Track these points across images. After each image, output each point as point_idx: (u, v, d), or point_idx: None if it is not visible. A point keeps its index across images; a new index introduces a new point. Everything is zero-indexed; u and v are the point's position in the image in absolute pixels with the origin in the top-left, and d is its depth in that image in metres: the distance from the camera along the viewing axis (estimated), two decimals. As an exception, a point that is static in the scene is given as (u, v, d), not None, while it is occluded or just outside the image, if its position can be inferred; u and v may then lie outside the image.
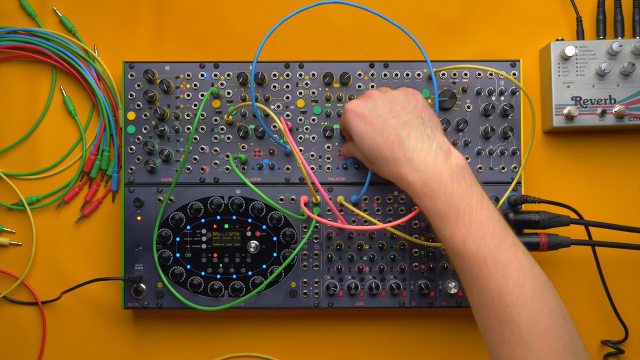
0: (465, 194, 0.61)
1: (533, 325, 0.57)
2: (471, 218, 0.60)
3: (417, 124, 0.66)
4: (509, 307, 0.57)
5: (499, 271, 0.58)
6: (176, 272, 0.78)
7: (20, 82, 0.83)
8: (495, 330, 0.59)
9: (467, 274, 0.60)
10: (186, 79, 0.79)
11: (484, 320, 0.60)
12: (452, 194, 0.61)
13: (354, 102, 0.70)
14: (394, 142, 0.65)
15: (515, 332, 0.57)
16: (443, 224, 0.61)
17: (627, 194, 0.83)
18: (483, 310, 0.60)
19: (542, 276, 0.60)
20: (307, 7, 0.71)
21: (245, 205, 0.78)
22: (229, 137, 0.79)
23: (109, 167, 0.82)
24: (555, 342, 0.56)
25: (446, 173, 0.62)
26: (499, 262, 0.59)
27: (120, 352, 0.83)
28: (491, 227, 0.60)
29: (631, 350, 0.82)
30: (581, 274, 0.83)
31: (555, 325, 0.57)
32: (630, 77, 0.78)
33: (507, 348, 0.57)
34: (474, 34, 0.84)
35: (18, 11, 0.84)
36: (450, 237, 0.61)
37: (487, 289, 0.59)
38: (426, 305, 0.79)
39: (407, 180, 0.63)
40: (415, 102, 0.69)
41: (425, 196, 0.62)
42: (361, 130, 0.68)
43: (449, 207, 0.61)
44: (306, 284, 0.79)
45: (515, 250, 0.60)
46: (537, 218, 0.76)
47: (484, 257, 0.59)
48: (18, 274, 0.83)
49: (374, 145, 0.66)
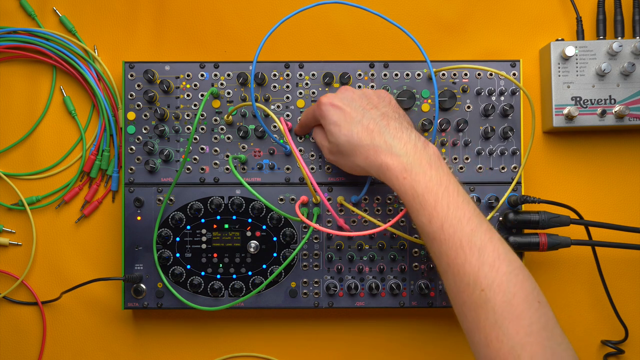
0: (443, 180, 0.63)
1: (508, 308, 0.57)
2: (449, 202, 0.61)
3: (394, 116, 0.69)
4: (485, 290, 0.58)
5: (475, 255, 0.59)
6: (176, 272, 0.78)
7: (20, 82, 0.83)
8: (470, 314, 0.59)
9: (444, 259, 0.61)
10: (186, 79, 0.79)
11: (459, 305, 0.61)
12: (430, 179, 0.62)
13: (329, 95, 0.71)
14: (373, 129, 0.67)
15: (490, 316, 0.57)
16: (421, 208, 0.62)
17: (627, 194, 0.83)
18: (459, 295, 0.60)
19: (517, 261, 0.60)
20: (306, 7, 0.71)
21: (245, 205, 0.78)
22: (229, 137, 0.79)
23: (109, 167, 0.82)
24: (530, 326, 0.57)
25: (425, 159, 0.64)
26: (475, 245, 0.59)
27: (120, 352, 0.83)
28: (467, 212, 0.61)
29: (631, 350, 0.82)
30: (581, 274, 0.83)
31: (531, 308, 0.58)
32: (630, 77, 0.78)
33: (483, 332, 0.58)
34: (474, 34, 0.84)
35: (18, 11, 0.84)
36: (427, 222, 0.62)
37: (463, 273, 0.59)
38: (426, 305, 0.79)
39: (387, 165, 0.64)
40: (389, 99, 0.72)
41: (405, 180, 0.63)
42: (339, 119, 0.69)
43: (428, 191, 0.62)
44: (306, 284, 0.79)
45: (491, 235, 0.61)
46: (537, 218, 0.76)
47: (460, 240, 0.60)
48: (18, 274, 0.83)
49: (352, 134, 0.67)
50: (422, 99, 0.79)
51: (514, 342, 0.56)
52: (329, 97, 0.71)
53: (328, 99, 0.71)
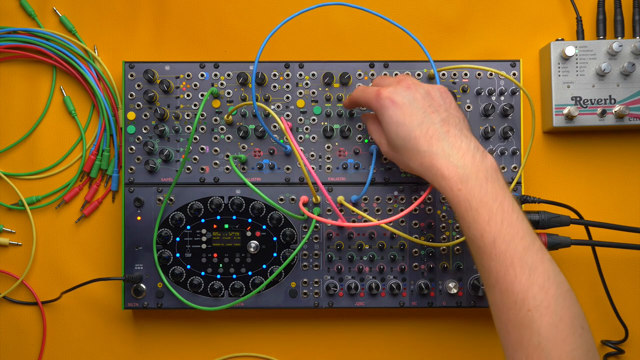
0: (499, 194, 0.61)
1: (553, 331, 0.57)
2: (503, 218, 0.60)
3: (454, 122, 0.66)
4: (531, 310, 0.57)
5: (525, 274, 0.58)
6: (176, 272, 0.78)
7: (20, 82, 0.83)
8: (514, 333, 0.58)
9: (492, 275, 0.60)
10: (186, 79, 0.79)
11: (503, 323, 0.60)
12: (486, 193, 0.61)
13: (391, 89, 0.68)
14: (432, 136, 0.65)
15: (534, 337, 0.57)
16: (474, 222, 0.61)
17: (627, 194, 0.83)
18: (504, 312, 0.59)
19: (566, 284, 0.60)
20: (307, 9, 0.71)
21: (245, 205, 0.78)
22: (229, 137, 0.79)
23: (109, 167, 0.82)
24: (573, 351, 0.56)
25: (482, 172, 0.62)
26: (526, 265, 0.58)
27: (120, 352, 0.83)
28: (521, 229, 0.60)
29: (631, 350, 0.82)
30: (581, 274, 0.83)
31: (575, 334, 0.57)
32: (630, 77, 0.78)
33: (525, 352, 0.57)
34: (474, 34, 0.84)
35: (18, 11, 0.84)
36: (480, 236, 0.61)
37: (511, 290, 0.58)
38: (426, 305, 0.79)
39: (443, 174, 0.63)
40: (450, 101, 0.69)
41: (460, 192, 0.62)
42: (398, 119, 0.67)
43: (483, 206, 0.61)
44: (306, 284, 0.79)
45: (542, 255, 0.60)
46: (537, 218, 0.76)
47: (512, 258, 0.59)
48: (18, 274, 0.83)
49: (410, 136, 0.65)
50: (422, 99, 0.79)
51: None
52: (390, 91, 0.68)
53: (389, 93, 0.68)
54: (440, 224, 0.79)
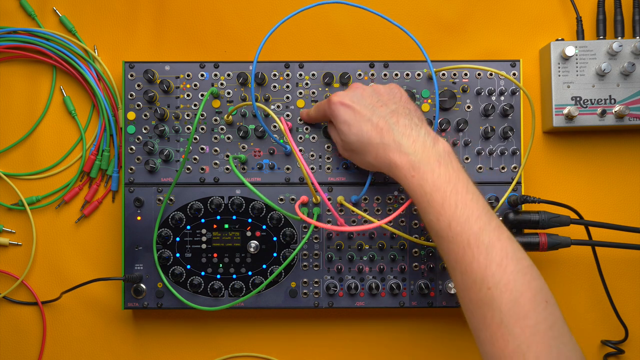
0: (452, 177, 0.62)
1: (514, 307, 0.57)
2: (457, 201, 0.61)
3: (404, 113, 0.68)
4: (491, 289, 0.58)
5: (482, 253, 0.59)
6: (176, 272, 0.78)
7: (20, 82, 0.83)
8: (477, 312, 0.59)
9: (451, 257, 0.61)
10: (186, 79, 0.79)
11: (466, 303, 0.61)
12: (439, 177, 0.62)
13: (339, 93, 0.71)
14: (382, 128, 0.66)
15: (496, 315, 0.57)
16: (429, 206, 0.62)
17: (627, 194, 0.83)
18: (466, 293, 0.60)
19: (525, 260, 0.60)
20: (307, 7, 0.71)
21: (245, 205, 0.78)
22: (229, 137, 0.79)
23: (109, 167, 0.82)
24: (537, 325, 0.57)
25: (434, 156, 0.63)
26: (482, 244, 0.59)
27: (120, 352, 0.83)
28: (476, 210, 0.61)
29: (631, 350, 0.82)
30: (581, 274, 0.83)
31: (537, 308, 0.57)
32: (630, 77, 0.78)
33: (489, 330, 0.58)
34: (474, 34, 0.84)
35: (18, 11, 0.84)
36: (435, 220, 0.62)
37: (470, 271, 0.59)
38: (426, 305, 0.79)
39: (396, 163, 0.64)
40: (400, 94, 0.71)
41: (413, 178, 0.63)
42: (349, 118, 0.69)
43: (436, 190, 0.62)
44: (306, 284, 0.79)
45: (499, 233, 0.60)
46: (537, 218, 0.76)
47: (467, 239, 0.60)
48: (18, 274, 0.83)
49: (362, 132, 0.68)
50: (422, 99, 0.79)
51: (520, 341, 0.56)
52: (339, 95, 0.71)
53: (338, 98, 0.70)
54: (440, 224, 0.79)
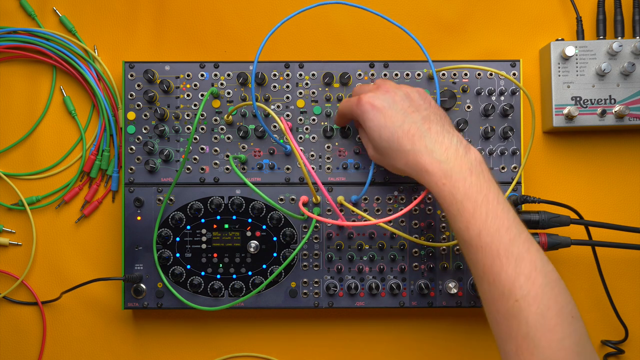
0: (483, 187, 0.62)
1: (541, 321, 0.57)
2: (487, 210, 0.61)
3: (436, 119, 0.67)
4: (519, 301, 0.58)
5: (511, 265, 0.59)
6: (176, 272, 0.78)
7: (20, 82, 0.83)
8: (503, 324, 0.59)
9: (479, 267, 0.61)
10: (186, 79, 0.79)
11: (493, 314, 0.60)
12: (470, 186, 0.62)
13: (371, 94, 0.70)
14: (414, 134, 0.66)
15: (523, 327, 0.57)
16: (459, 214, 0.62)
17: (627, 194, 0.83)
18: (493, 304, 0.60)
19: (554, 274, 0.60)
20: (307, 8, 0.71)
21: (245, 205, 0.78)
22: (229, 137, 0.79)
23: (109, 167, 0.82)
24: (563, 340, 0.57)
25: (466, 165, 0.63)
26: (512, 255, 0.59)
27: (120, 352, 0.83)
28: (506, 221, 0.61)
29: (631, 350, 0.82)
30: (581, 274, 0.83)
31: (564, 323, 0.57)
32: (630, 77, 0.78)
33: (515, 342, 0.58)
34: (474, 34, 0.84)
35: (18, 11, 0.84)
36: (465, 229, 0.61)
37: (499, 282, 0.59)
38: (426, 305, 0.79)
39: (427, 169, 0.64)
40: (429, 101, 0.70)
41: (445, 186, 0.62)
42: (380, 122, 0.68)
43: (467, 199, 0.61)
44: (306, 284, 0.79)
45: (529, 245, 0.60)
46: (537, 218, 0.76)
47: (497, 250, 0.59)
48: (18, 274, 0.83)
49: (393, 137, 0.67)
50: (422, 99, 0.79)
51: (545, 355, 0.56)
52: (369, 96, 0.69)
53: (369, 99, 0.69)
54: (440, 224, 0.79)
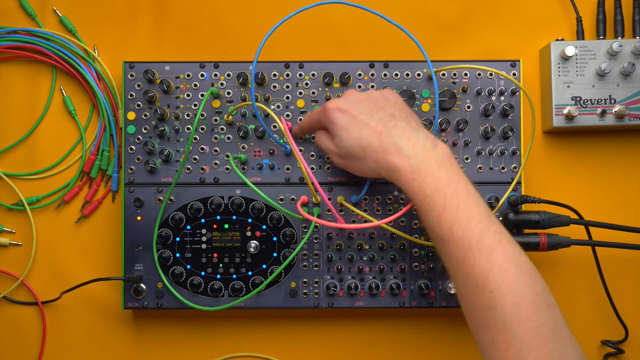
0: (452, 180, 0.62)
1: (516, 310, 0.57)
2: (458, 203, 0.61)
3: (401, 116, 0.68)
4: (493, 292, 0.58)
5: (484, 256, 0.59)
6: (176, 272, 0.78)
7: (20, 82, 0.83)
8: (479, 315, 0.59)
9: (453, 261, 0.61)
10: (186, 79, 0.79)
11: (468, 306, 0.61)
12: (439, 179, 0.62)
13: (334, 100, 0.71)
14: (382, 132, 0.66)
15: (498, 318, 0.57)
16: (430, 209, 0.62)
17: (627, 194, 0.83)
18: (467, 296, 0.60)
19: (526, 262, 0.60)
20: (307, 7, 0.71)
21: (245, 205, 0.78)
22: (229, 137, 0.79)
23: (109, 167, 0.82)
24: (538, 328, 0.57)
25: (434, 159, 0.63)
26: (484, 247, 0.59)
27: (120, 352, 0.83)
28: (477, 213, 0.61)
29: (631, 350, 0.82)
30: (581, 274, 0.83)
31: (539, 311, 0.58)
32: (630, 77, 0.78)
33: (491, 333, 0.58)
34: (474, 34, 0.84)
35: (18, 11, 0.84)
36: (437, 223, 0.61)
37: (472, 274, 0.59)
38: (426, 305, 0.79)
39: (397, 166, 0.64)
40: (395, 99, 0.71)
41: (414, 182, 0.63)
42: (346, 124, 0.68)
43: (437, 192, 0.61)
44: (306, 284, 0.79)
45: (500, 236, 0.61)
46: (537, 218, 0.76)
47: (469, 242, 0.60)
48: (18, 274, 0.83)
49: (361, 137, 0.67)
50: (422, 99, 0.79)
51: (522, 344, 0.56)
52: (334, 102, 0.70)
53: (334, 104, 0.70)
54: (440, 224, 0.79)
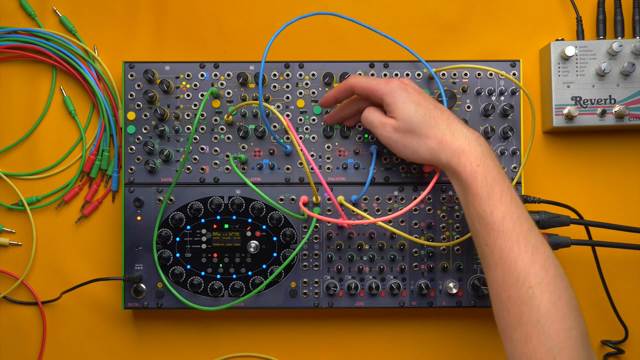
0: (504, 175, 0.65)
1: (552, 309, 0.59)
2: (511, 197, 0.63)
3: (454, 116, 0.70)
4: (532, 287, 0.59)
5: (529, 252, 0.61)
6: (176, 272, 0.78)
7: (20, 82, 0.83)
8: (514, 310, 0.60)
9: (497, 252, 0.62)
10: (186, 79, 0.79)
11: (504, 301, 0.62)
12: (498, 172, 0.65)
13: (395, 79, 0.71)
14: (449, 118, 0.68)
15: (534, 314, 0.59)
16: (488, 198, 0.63)
17: (627, 194, 0.83)
18: (505, 289, 0.61)
19: (561, 268, 0.62)
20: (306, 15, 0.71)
21: (245, 205, 0.78)
22: (229, 137, 0.79)
23: (109, 167, 0.82)
24: (570, 330, 0.58)
25: (492, 153, 0.67)
26: (529, 243, 0.61)
27: (120, 352, 0.83)
28: (524, 211, 0.64)
29: (631, 350, 0.82)
30: (581, 274, 0.83)
31: (572, 314, 0.59)
32: (630, 77, 0.78)
33: (524, 329, 0.59)
34: (474, 34, 0.84)
35: (18, 11, 0.84)
36: (490, 212, 0.63)
37: (515, 267, 0.61)
38: (426, 305, 0.79)
39: (464, 149, 0.65)
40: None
41: (479, 167, 0.64)
42: (415, 99, 0.69)
43: (496, 183, 0.64)
44: (306, 284, 0.79)
45: (542, 238, 0.63)
46: (537, 218, 0.76)
47: (517, 236, 0.62)
48: (18, 274, 0.83)
49: (429, 114, 0.68)
50: (422, 99, 0.79)
51: (553, 343, 0.58)
52: (399, 79, 0.71)
53: (399, 80, 0.71)
54: (440, 224, 0.79)
